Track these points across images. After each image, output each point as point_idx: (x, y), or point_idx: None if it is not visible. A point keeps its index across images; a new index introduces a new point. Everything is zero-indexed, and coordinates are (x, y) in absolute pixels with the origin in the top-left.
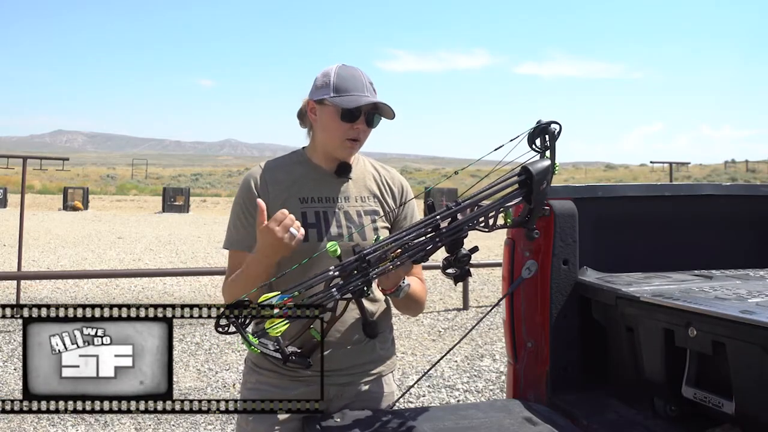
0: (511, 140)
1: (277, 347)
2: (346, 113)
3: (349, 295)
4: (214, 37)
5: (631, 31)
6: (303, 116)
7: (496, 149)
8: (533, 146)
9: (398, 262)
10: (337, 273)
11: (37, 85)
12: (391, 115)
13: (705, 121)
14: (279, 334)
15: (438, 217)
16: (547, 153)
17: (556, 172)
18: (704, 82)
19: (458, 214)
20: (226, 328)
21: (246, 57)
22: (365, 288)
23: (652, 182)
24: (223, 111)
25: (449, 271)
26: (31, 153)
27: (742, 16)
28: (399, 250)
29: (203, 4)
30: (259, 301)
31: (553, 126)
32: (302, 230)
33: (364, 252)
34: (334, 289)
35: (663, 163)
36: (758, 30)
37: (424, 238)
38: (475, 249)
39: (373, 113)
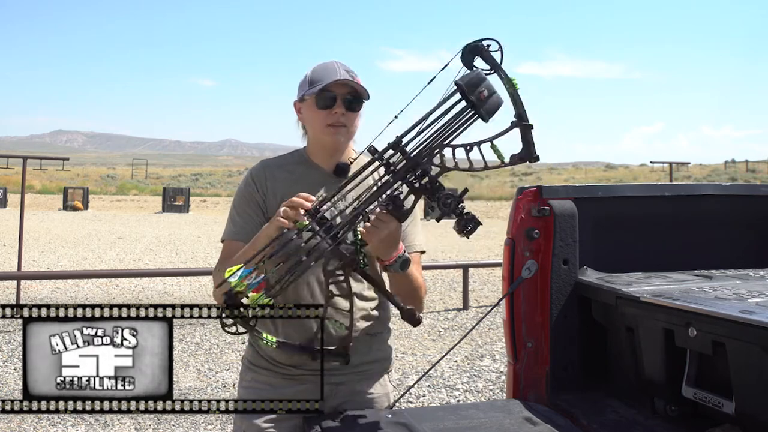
0: (442, 69)
1: (301, 343)
2: (320, 100)
3: (337, 269)
4: (214, 37)
5: (631, 31)
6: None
7: (429, 82)
8: (474, 68)
9: (363, 210)
10: (294, 236)
11: (37, 85)
12: (365, 94)
13: (705, 121)
14: (265, 312)
15: (385, 153)
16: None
17: (516, 84)
18: (704, 82)
19: (407, 149)
20: (234, 328)
21: (246, 57)
22: (360, 255)
23: (652, 182)
24: (223, 111)
25: (435, 215)
26: (31, 153)
27: (742, 16)
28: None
29: (203, 4)
30: (225, 276)
31: (484, 42)
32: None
33: (313, 207)
34: (303, 256)
35: (663, 163)
36: (758, 30)
37: (382, 182)
38: (464, 191)
39: (352, 97)
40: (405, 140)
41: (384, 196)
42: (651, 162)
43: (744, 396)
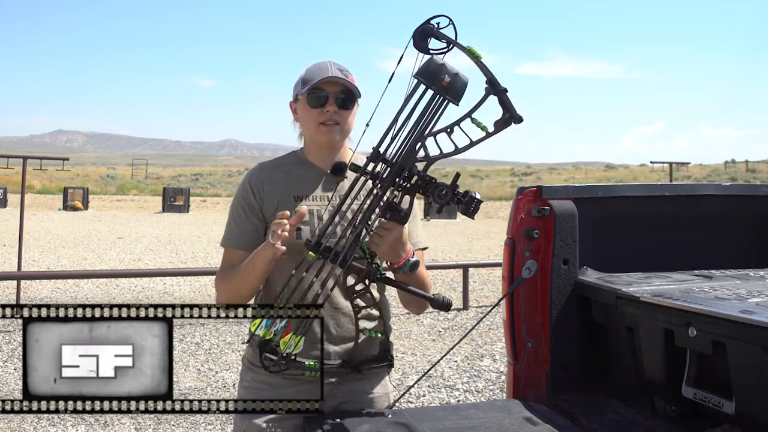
0: (398, 64)
1: (344, 360)
2: (311, 99)
3: (359, 286)
4: (214, 37)
5: (631, 31)
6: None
7: (389, 81)
8: (431, 50)
9: (363, 227)
10: (303, 275)
11: (37, 85)
12: (357, 93)
13: (705, 121)
14: (299, 350)
15: (367, 166)
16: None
17: (477, 53)
18: (704, 82)
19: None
20: (276, 366)
21: (246, 57)
22: (374, 267)
23: (652, 182)
24: (223, 111)
25: (435, 208)
26: (31, 153)
27: (742, 16)
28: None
29: (203, 4)
30: (251, 330)
31: (433, 21)
32: (285, 234)
33: (312, 242)
34: (319, 287)
35: (663, 163)
36: (758, 30)
37: (372, 196)
38: (456, 177)
39: (345, 95)
40: (383, 147)
41: (379, 207)
42: (651, 162)
43: (744, 396)
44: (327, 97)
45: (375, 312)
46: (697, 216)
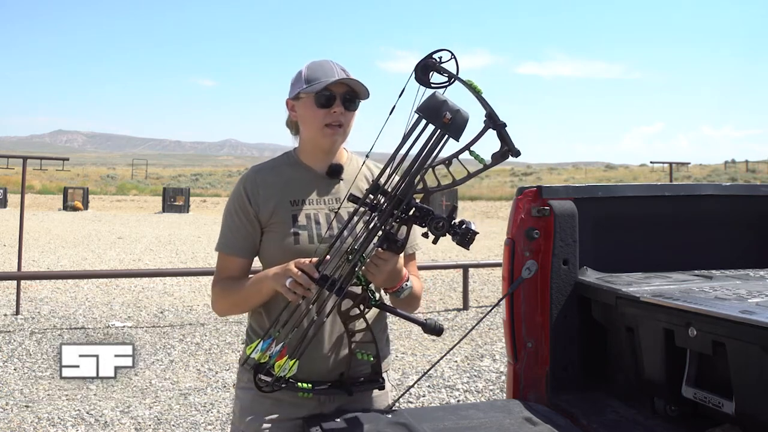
0: (399, 96)
1: (333, 384)
2: (319, 98)
3: (356, 310)
4: (214, 37)
5: (631, 31)
6: (291, 123)
7: (390, 113)
8: (432, 84)
9: (357, 258)
10: (301, 301)
11: (37, 85)
12: (365, 94)
13: (705, 121)
14: (293, 373)
15: (366, 198)
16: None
17: (477, 88)
18: (704, 82)
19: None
20: (270, 387)
21: (246, 57)
22: (370, 293)
23: (652, 182)
24: (223, 111)
25: (430, 236)
26: (31, 153)
27: (743, 16)
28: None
29: (203, 4)
30: (247, 353)
31: (435, 56)
32: (309, 290)
33: (321, 276)
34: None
35: (663, 163)
36: (758, 30)
37: (371, 225)
38: (453, 209)
39: (350, 96)
40: (383, 179)
41: (377, 238)
42: (651, 162)
43: (744, 396)
44: (335, 98)
45: (368, 336)
46: (697, 216)
